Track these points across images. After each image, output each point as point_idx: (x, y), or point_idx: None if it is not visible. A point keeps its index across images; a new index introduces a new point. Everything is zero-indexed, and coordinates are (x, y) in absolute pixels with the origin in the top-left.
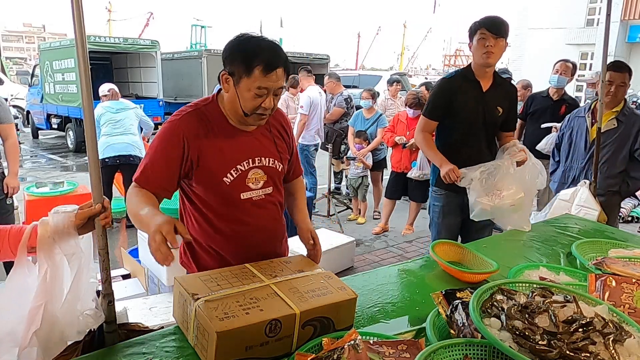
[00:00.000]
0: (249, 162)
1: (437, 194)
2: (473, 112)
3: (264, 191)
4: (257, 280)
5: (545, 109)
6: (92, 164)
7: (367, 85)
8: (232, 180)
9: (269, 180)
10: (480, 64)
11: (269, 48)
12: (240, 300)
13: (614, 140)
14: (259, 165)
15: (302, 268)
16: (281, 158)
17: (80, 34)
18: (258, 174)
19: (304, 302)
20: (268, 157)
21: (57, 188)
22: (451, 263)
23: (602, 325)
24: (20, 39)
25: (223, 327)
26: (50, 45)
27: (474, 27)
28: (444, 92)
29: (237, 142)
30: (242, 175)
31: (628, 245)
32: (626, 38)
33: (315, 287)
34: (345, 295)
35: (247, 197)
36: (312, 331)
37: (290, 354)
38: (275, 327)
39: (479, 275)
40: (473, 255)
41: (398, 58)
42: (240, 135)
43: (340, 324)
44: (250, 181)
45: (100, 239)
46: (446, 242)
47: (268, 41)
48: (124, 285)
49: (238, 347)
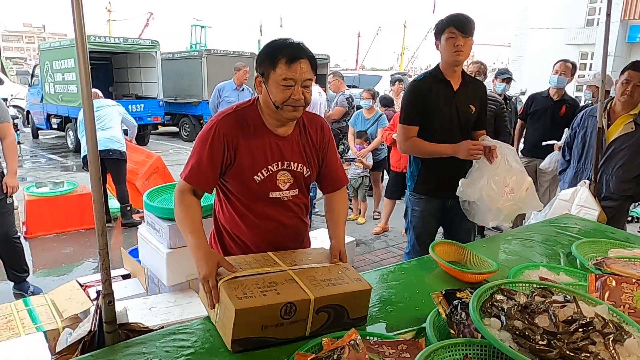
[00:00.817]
0: (278, 164)
1: (416, 198)
2: (447, 112)
3: (290, 192)
4: (277, 266)
5: (545, 109)
6: (92, 164)
7: (367, 85)
8: (261, 180)
9: (295, 183)
10: (449, 62)
11: (291, 43)
12: (260, 283)
13: (632, 144)
14: (287, 169)
15: (322, 260)
16: (309, 164)
17: (80, 34)
18: (286, 176)
19: (319, 289)
20: (296, 162)
21: (57, 188)
22: (451, 263)
23: (602, 325)
24: (20, 39)
25: (242, 305)
26: (50, 45)
27: (442, 26)
28: (416, 95)
29: (270, 145)
30: (272, 176)
31: (628, 245)
32: (626, 38)
33: (332, 277)
34: (360, 286)
35: (276, 197)
36: (326, 317)
37: (304, 337)
38: (290, 310)
39: (478, 276)
40: (473, 255)
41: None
42: (274, 138)
43: (355, 313)
44: (279, 182)
45: (100, 239)
46: (446, 242)
47: (292, 40)
48: (124, 285)
49: (255, 326)
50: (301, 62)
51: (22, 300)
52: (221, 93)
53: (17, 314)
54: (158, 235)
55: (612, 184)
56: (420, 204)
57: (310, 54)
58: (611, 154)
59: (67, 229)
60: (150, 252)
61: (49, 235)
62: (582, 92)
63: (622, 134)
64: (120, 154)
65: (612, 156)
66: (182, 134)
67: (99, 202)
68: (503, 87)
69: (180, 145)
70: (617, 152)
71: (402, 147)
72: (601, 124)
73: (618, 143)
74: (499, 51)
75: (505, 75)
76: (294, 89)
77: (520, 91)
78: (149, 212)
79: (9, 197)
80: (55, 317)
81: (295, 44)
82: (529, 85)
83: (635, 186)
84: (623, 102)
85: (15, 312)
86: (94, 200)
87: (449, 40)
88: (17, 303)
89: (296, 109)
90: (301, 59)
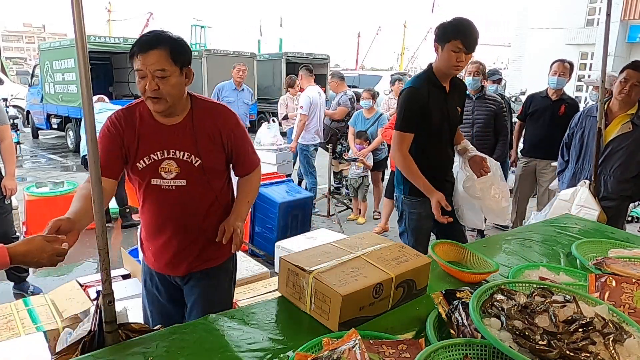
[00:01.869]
0: (163, 153)
1: (412, 201)
2: (439, 115)
3: (175, 182)
4: (348, 253)
5: (544, 109)
6: (92, 164)
7: (367, 85)
8: (144, 167)
9: (182, 173)
10: (446, 72)
11: (149, 35)
12: (345, 270)
13: (629, 144)
14: (172, 157)
15: (376, 241)
16: (200, 154)
17: (80, 34)
18: (171, 165)
19: (394, 268)
20: (183, 151)
21: (57, 188)
22: (451, 263)
23: (602, 325)
24: (20, 39)
25: (346, 291)
26: (50, 45)
27: (448, 34)
28: (417, 102)
29: (156, 135)
30: (155, 164)
31: (628, 245)
32: (626, 38)
33: (397, 256)
34: (423, 261)
35: (157, 184)
36: (402, 291)
37: (387, 311)
38: (379, 289)
39: (478, 276)
40: (473, 256)
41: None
42: (160, 128)
43: (420, 284)
44: (163, 170)
45: (100, 239)
46: (446, 242)
47: (153, 32)
48: (124, 285)
49: (354, 307)
50: (150, 52)
51: (22, 300)
52: (220, 93)
53: (17, 314)
54: None
55: (610, 184)
56: (417, 206)
57: (166, 41)
58: (609, 154)
59: None
60: None
61: None
62: (582, 92)
63: (619, 134)
64: None
65: (609, 156)
66: None
67: (99, 202)
68: (495, 88)
69: None
70: (615, 152)
71: (397, 156)
72: (600, 124)
73: (616, 143)
74: (499, 51)
75: (495, 77)
76: (146, 80)
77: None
78: None
79: (7, 198)
80: (55, 317)
81: (154, 34)
82: (529, 85)
83: (634, 186)
84: (620, 101)
85: (15, 312)
86: (93, 200)
87: (453, 54)
88: (17, 303)
89: (155, 101)
90: (151, 49)
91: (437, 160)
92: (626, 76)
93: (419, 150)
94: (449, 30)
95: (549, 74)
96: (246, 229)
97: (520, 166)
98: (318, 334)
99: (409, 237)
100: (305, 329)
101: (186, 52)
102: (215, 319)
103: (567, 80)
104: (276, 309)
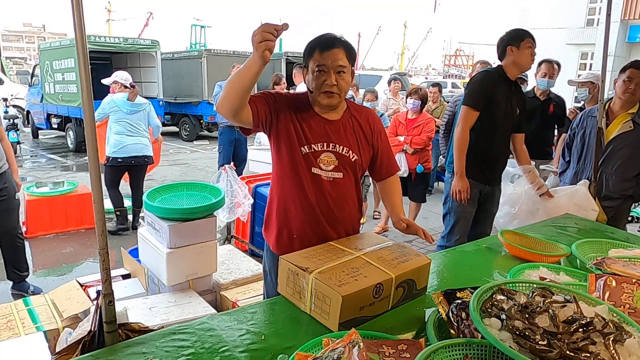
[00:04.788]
0: (323, 145)
1: None
2: (504, 108)
3: (333, 174)
4: (348, 253)
5: (534, 110)
6: (92, 164)
7: (367, 85)
8: (305, 154)
9: (339, 166)
10: (525, 66)
11: (326, 35)
12: (346, 270)
13: (630, 143)
14: (332, 150)
15: (377, 241)
16: (360, 151)
17: (81, 33)
18: (330, 157)
19: (394, 268)
20: (343, 145)
21: (57, 188)
22: None
23: (602, 326)
24: (20, 38)
25: (346, 292)
26: (50, 45)
27: (520, 36)
28: (488, 83)
29: (317, 125)
30: (315, 154)
31: (628, 245)
32: (626, 38)
33: (397, 256)
34: (423, 261)
35: (317, 174)
36: (402, 291)
37: (387, 311)
38: (379, 289)
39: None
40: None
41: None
42: (321, 120)
43: (420, 284)
44: (322, 162)
45: (100, 239)
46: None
47: (328, 33)
48: (124, 285)
49: (354, 308)
50: (333, 50)
51: (22, 300)
52: (221, 90)
53: (17, 314)
54: (158, 235)
55: (612, 183)
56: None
57: (343, 42)
58: (610, 152)
59: (67, 229)
60: (150, 252)
61: (49, 235)
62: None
63: (620, 133)
64: (152, 160)
65: (611, 155)
66: (182, 134)
67: (99, 202)
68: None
69: (180, 145)
70: (616, 151)
71: (457, 128)
72: (600, 124)
73: (617, 142)
74: None
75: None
76: (327, 75)
77: None
78: (149, 212)
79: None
80: (55, 317)
81: (329, 35)
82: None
83: (636, 185)
84: (624, 100)
85: (15, 312)
86: (94, 200)
87: (529, 50)
88: (17, 303)
89: (331, 96)
90: (334, 47)
91: (492, 153)
92: (630, 75)
93: (479, 139)
94: (518, 33)
95: (538, 75)
96: (246, 229)
97: None
98: (318, 334)
99: (450, 218)
100: (305, 329)
101: (355, 54)
102: (216, 319)
103: (554, 81)
104: (276, 309)
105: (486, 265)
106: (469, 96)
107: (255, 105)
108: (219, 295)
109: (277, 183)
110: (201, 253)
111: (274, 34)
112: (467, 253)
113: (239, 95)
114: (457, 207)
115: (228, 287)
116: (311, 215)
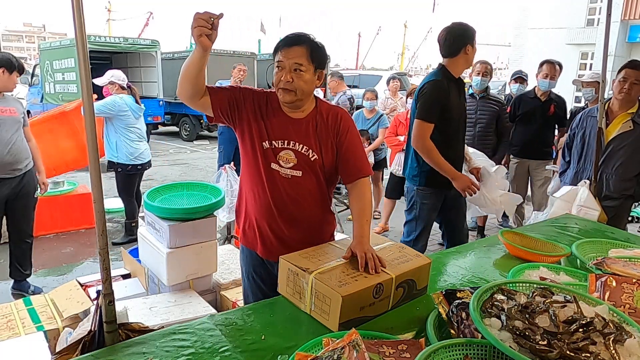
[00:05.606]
0: (283, 142)
1: (426, 192)
2: (457, 111)
3: (291, 172)
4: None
5: (534, 111)
6: (92, 164)
7: (367, 85)
8: (265, 149)
9: (299, 164)
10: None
11: (294, 34)
12: (345, 271)
13: (630, 143)
14: (291, 148)
15: (377, 241)
16: (321, 151)
17: (81, 33)
18: (289, 155)
19: (394, 268)
20: (303, 144)
21: (57, 188)
22: None
23: (603, 326)
24: (20, 38)
25: (346, 292)
26: (51, 45)
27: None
28: (440, 93)
29: (279, 123)
30: (275, 150)
31: (628, 245)
32: (626, 38)
33: (397, 256)
34: (423, 261)
35: (275, 169)
36: (402, 291)
37: (387, 311)
38: (379, 289)
39: (551, 257)
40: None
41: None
42: (284, 118)
43: (421, 284)
44: (281, 159)
45: (100, 239)
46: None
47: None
48: (124, 285)
49: (355, 308)
50: (294, 47)
51: (23, 299)
52: None
53: (17, 314)
54: (158, 235)
55: (612, 182)
56: (431, 197)
57: (306, 41)
58: (610, 152)
59: (67, 228)
60: (150, 251)
61: (49, 235)
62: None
63: (620, 133)
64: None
65: (611, 155)
66: (182, 134)
67: (99, 202)
68: (517, 87)
69: (180, 145)
70: (616, 151)
71: (420, 144)
72: (601, 124)
73: (617, 142)
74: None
75: (516, 75)
76: (283, 72)
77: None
78: (149, 212)
79: (42, 192)
80: (55, 317)
81: (296, 33)
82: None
83: (636, 185)
84: (621, 100)
85: (16, 311)
86: (94, 200)
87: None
88: (17, 303)
89: (286, 93)
90: (295, 45)
91: (455, 155)
92: (625, 75)
93: (440, 145)
94: (472, 30)
95: (539, 75)
96: None
97: (512, 167)
98: (318, 334)
99: (417, 225)
100: (305, 329)
101: (323, 56)
102: (215, 319)
103: (555, 82)
104: (276, 309)
105: (486, 265)
106: (422, 109)
107: (215, 95)
108: (219, 295)
109: (243, 174)
110: (201, 253)
111: (208, 21)
112: (467, 253)
113: (188, 81)
114: (425, 215)
115: (228, 287)
116: (267, 210)
